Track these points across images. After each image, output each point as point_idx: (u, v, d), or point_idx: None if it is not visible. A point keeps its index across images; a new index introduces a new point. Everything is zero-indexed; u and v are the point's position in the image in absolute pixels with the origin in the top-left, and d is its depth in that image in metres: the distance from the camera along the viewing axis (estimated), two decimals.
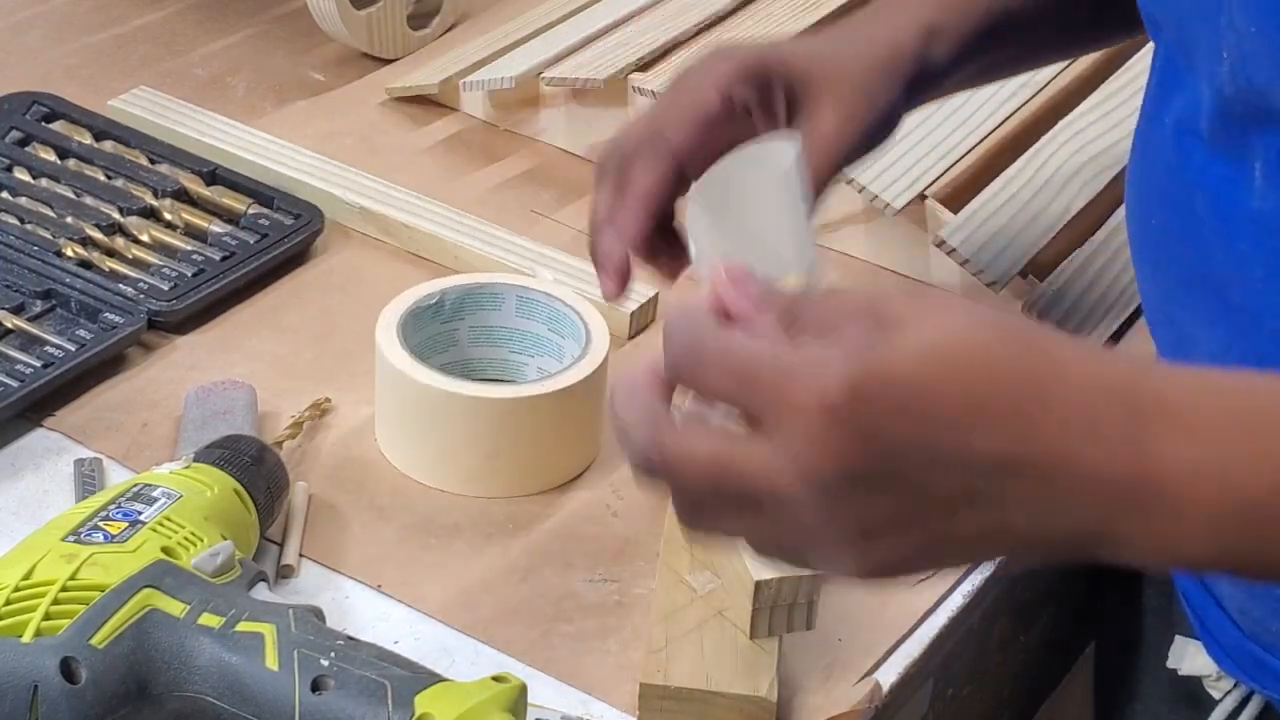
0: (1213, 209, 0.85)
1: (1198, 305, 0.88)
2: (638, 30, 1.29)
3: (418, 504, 0.98)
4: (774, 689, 0.84)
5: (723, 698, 0.84)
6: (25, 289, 1.07)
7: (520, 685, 0.79)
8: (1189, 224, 0.87)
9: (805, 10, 1.32)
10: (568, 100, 1.27)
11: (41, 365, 1.01)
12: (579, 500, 0.99)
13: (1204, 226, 0.86)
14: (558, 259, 1.13)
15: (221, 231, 1.14)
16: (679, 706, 0.84)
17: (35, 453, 0.98)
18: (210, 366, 1.05)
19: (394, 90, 1.31)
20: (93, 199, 1.15)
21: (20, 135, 1.20)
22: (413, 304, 1.01)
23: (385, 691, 0.77)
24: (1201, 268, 0.86)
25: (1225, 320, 0.86)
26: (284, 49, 1.36)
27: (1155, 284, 0.92)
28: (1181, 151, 0.87)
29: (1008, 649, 1.12)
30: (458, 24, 1.40)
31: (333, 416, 1.03)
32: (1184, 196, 0.87)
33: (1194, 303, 0.88)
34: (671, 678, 0.84)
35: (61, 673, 0.75)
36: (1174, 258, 0.89)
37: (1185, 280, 0.88)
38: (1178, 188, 0.88)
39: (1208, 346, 0.88)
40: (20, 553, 0.81)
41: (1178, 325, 0.91)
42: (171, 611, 0.79)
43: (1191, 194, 0.86)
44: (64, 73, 1.31)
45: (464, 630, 0.90)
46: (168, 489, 0.86)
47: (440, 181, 1.23)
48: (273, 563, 0.93)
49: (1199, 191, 0.86)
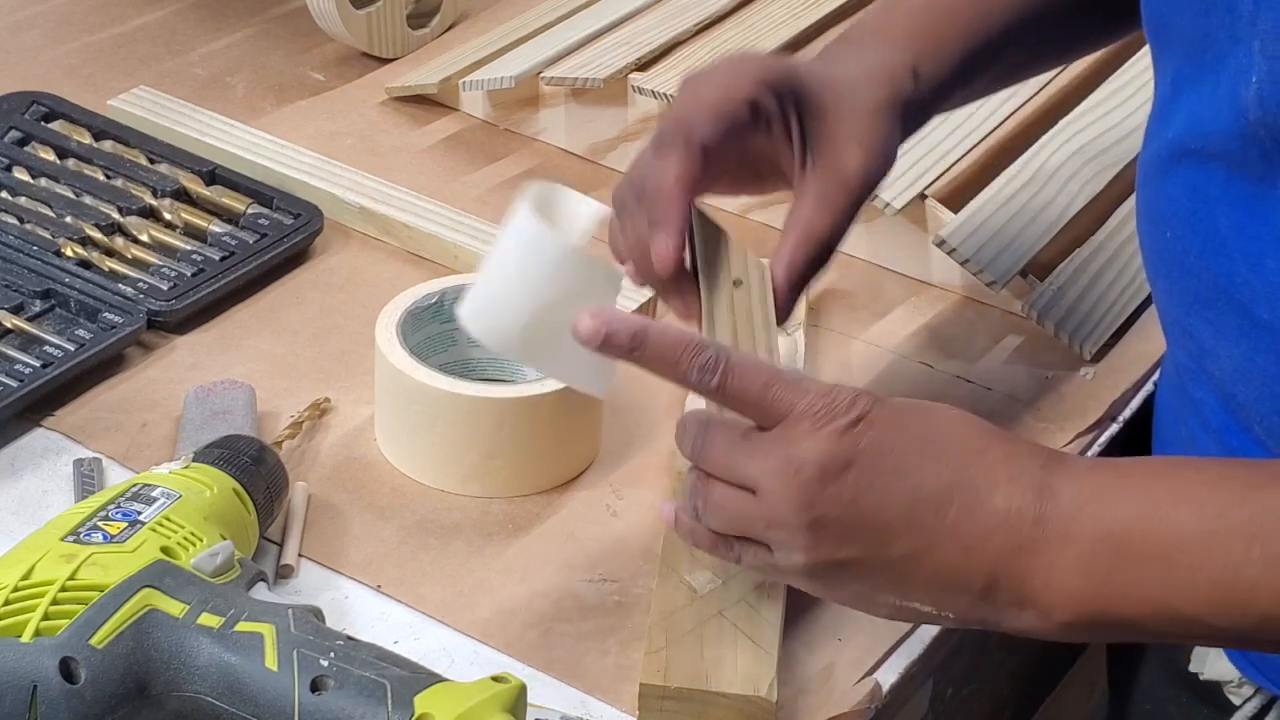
0: (1237, 227, 0.84)
1: (1219, 320, 0.87)
2: (637, 30, 1.29)
3: (418, 504, 0.98)
4: (774, 689, 0.84)
5: (723, 698, 0.84)
6: (25, 289, 1.07)
7: (520, 685, 0.79)
8: (1209, 241, 0.86)
9: (805, 10, 1.32)
10: (567, 100, 1.27)
11: (41, 365, 1.01)
12: (579, 500, 0.99)
13: (1227, 244, 0.85)
14: None
15: (221, 231, 1.14)
16: (679, 706, 0.84)
17: (35, 453, 0.98)
18: (210, 366, 1.05)
19: (394, 90, 1.31)
20: (92, 199, 1.15)
21: (20, 135, 1.20)
22: (412, 304, 1.01)
23: (385, 691, 0.77)
24: (1224, 284, 0.86)
25: (1249, 336, 0.86)
26: (284, 49, 1.36)
27: (1172, 297, 0.92)
28: (1198, 169, 0.87)
29: (1008, 649, 1.12)
30: (457, 24, 1.40)
31: (333, 416, 1.02)
32: (1203, 214, 0.86)
33: (1215, 318, 0.87)
34: (671, 678, 0.84)
35: (61, 673, 0.75)
36: (1192, 272, 0.88)
37: (1205, 296, 0.88)
38: (1195, 204, 0.87)
39: (1229, 362, 0.88)
40: (20, 553, 0.81)
41: (1197, 339, 0.90)
42: (171, 611, 0.79)
43: (1212, 211, 0.86)
44: (64, 72, 1.30)
45: (464, 630, 0.90)
46: (167, 489, 0.86)
47: (440, 181, 1.23)
48: (272, 563, 0.92)
49: (1220, 208, 0.85)
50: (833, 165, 0.90)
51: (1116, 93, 1.25)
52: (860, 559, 0.78)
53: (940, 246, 1.12)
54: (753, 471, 0.79)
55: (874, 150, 0.91)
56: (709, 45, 1.27)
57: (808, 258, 0.89)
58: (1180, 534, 0.76)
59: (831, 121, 0.91)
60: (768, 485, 0.79)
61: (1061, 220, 1.16)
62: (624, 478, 1.00)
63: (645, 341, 0.80)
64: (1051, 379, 1.11)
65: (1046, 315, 1.12)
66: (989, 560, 0.77)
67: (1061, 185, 1.18)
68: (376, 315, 1.01)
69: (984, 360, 1.12)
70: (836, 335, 1.13)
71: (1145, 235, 0.94)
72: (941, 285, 1.17)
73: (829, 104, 0.91)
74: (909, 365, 1.11)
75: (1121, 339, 1.14)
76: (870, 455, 0.78)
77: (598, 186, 1.24)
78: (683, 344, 0.79)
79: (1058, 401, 1.09)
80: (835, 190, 0.89)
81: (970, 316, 1.16)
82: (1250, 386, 0.87)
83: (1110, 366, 1.12)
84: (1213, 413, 0.92)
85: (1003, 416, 1.07)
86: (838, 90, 0.92)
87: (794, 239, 0.89)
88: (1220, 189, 0.85)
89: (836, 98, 0.91)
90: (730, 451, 0.80)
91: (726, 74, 0.90)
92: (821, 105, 0.91)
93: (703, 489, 0.81)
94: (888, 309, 1.15)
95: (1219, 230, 0.86)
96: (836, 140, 0.90)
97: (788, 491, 0.78)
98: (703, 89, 0.89)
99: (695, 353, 0.79)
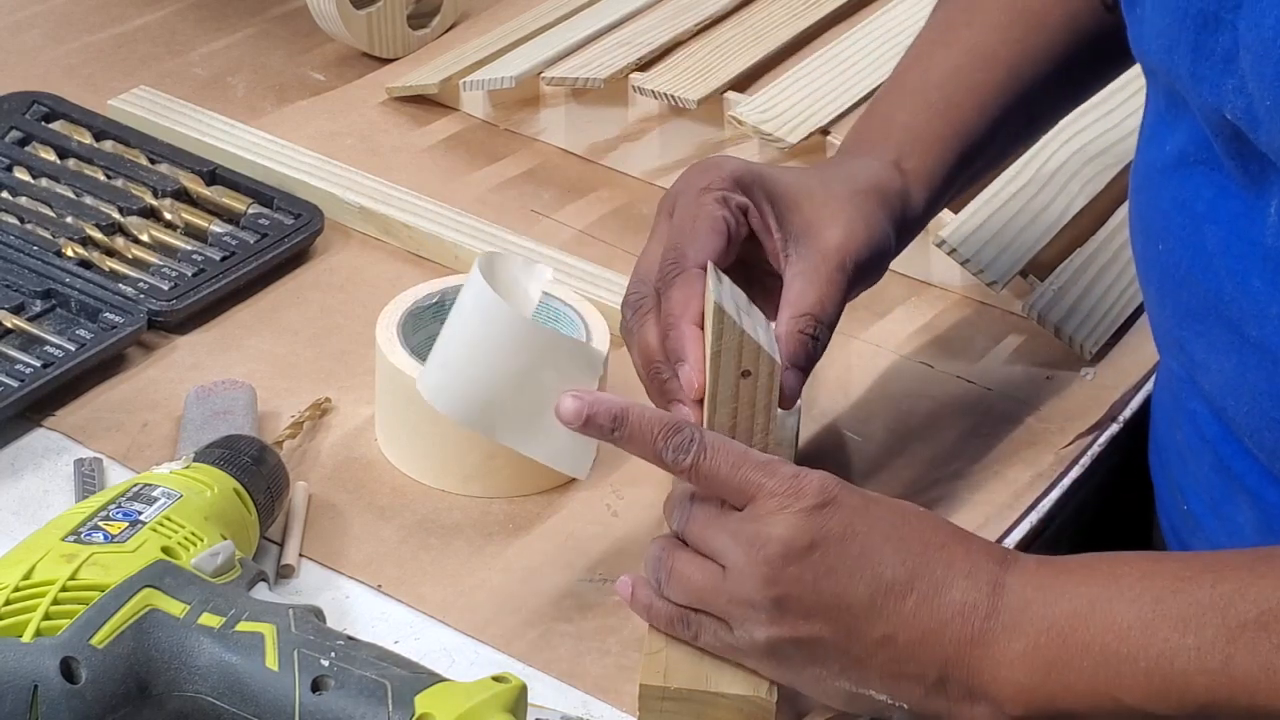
0: (1224, 245, 0.85)
1: (1210, 335, 0.87)
2: (638, 30, 1.29)
3: (418, 504, 0.98)
4: (774, 689, 0.84)
5: (723, 698, 0.84)
6: (25, 289, 1.07)
7: (520, 685, 0.79)
8: (1199, 257, 0.86)
9: (805, 10, 1.32)
10: (568, 100, 1.27)
11: (41, 365, 1.01)
12: (579, 500, 0.99)
13: (1215, 261, 0.85)
14: (558, 259, 1.13)
15: (221, 231, 1.14)
16: (679, 707, 0.84)
17: (35, 453, 0.98)
18: (210, 366, 1.05)
19: (394, 90, 1.31)
20: (93, 199, 1.15)
21: (20, 135, 1.20)
22: (413, 304, 1.01)
23: (385, 691, 0.77)
24: (1214, 301, 0.86)
25: (1239, 352, 0.86)
26: (284, 49, 1.36)
27: (1164, 310, 0.92)
28: (1187, 184, 0.87)
29: None
30: (458, 24, 1.40)
31: (333, 416, 1.03)
32: (1192, 229, 0.87)
33: (1206, 331, 0.88)
34: (671, 678, 0.84)
35: (61, 673, 0.75)
36: (1183, 286, 0.88)
37: (1196, 311, 0.88)
38: (1185, 219, 0.87)
39: (1220, 375, 0.88)
40: (20, 553, 0.81)
41: (1189, 352, 0.90)
42: (171, 611, 0.79)
43: (1200, 227, 0.86)
44: (64, 72, 1.30)
45: (464, 630, 0.90)
46: (168, 489, 0.86)
47: (440, 181, 1.23)
48: (273, 563, 0.92)
49: (1209, 226, 0.86)
50: (811, 245, 0.91)
51: (1116, 93, 1.25)
52: (819, 638, 0.80)
53: (940, 247, 1.12)
54: (720, 545, 0.82)
55: (851, 226, 0.92)
56: (709, 45, 1.27)
57: (799, 334, 0.89)
58: (1118, 623, 0.78)
59: (806, 209, 0.92)
60: (733, 560, 0.81)
61: (1062, 220, 1.16)
62: (624, 478, 1.00)
63: (625, 422, 0.82)
64: (1051, 379, 1.11)
65: (1046, 315, 1.12)
66: (943, 650, 0.79)
67: (1061, 185, 1.18)
68: (377, 315, 1.01)
69: (984, 360, 1.12)
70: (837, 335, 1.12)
71: (1138, 246, 0.94)
72: (941, 285, 1.17)
73: (801, 196, 0.93)
74: (909, 365, 1.11)
75: (1122, 339, 1.14)
76: (834, 539, 0.80)
77: (598, 186, 1.24)
78: (659, 424, 0.82)
79: (1058, 401, 1.09)
80: (815, 266, 0.90)
81: (970, 316, 1.15)
82: (1240, 401, 0.87)
83: (1110, 366, 1.12)
84: (1206, 423, 0.92)
85: (1003, 416, 1.07)
86: (809, 185, 0.94)
87: (784, 318, 0.89)
88: (1207, 206, 0.86)
89: (808, 191, 0.93)
90: (706, 525, 0.83)
91: (696, 191, 0.91)
92: (793, 198, 0.92)
93: (667, 561, 0.84)
94: (888, 309, 1.15)
95: (1206, 247, 0.86)
96: (813, 224, 0.92)
97: (752, 568, 0.80)
98: (679, 216, 0.90)
99: (671, 433, 0.82)
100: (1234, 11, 0.80)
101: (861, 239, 0.92)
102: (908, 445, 1.05)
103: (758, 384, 0.85)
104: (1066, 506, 1.03)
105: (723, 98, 1.21)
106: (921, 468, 1.03)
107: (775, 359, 0.85)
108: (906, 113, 1.00)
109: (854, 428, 1.05)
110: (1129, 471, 1.08)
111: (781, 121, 1.18)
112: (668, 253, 0.89)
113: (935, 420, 1.07)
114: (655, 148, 1.25)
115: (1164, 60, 0.85)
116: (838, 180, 0.95)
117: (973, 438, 1.06)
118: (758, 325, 0.87)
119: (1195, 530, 0.97)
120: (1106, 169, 1.20)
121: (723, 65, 1.24)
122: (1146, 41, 0.87)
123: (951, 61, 1.01)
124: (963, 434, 1.06)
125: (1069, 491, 1.03)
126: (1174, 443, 0.98)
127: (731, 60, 1.25)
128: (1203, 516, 0.96)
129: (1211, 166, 0.85)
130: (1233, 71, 0.80)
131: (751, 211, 0.91)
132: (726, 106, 1.21)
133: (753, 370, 0.85)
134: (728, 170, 0.92)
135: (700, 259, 0.88)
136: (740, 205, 0.91)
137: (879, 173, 0.96)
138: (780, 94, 1.21)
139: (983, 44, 1.01)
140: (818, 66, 1.24)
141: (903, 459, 1.04)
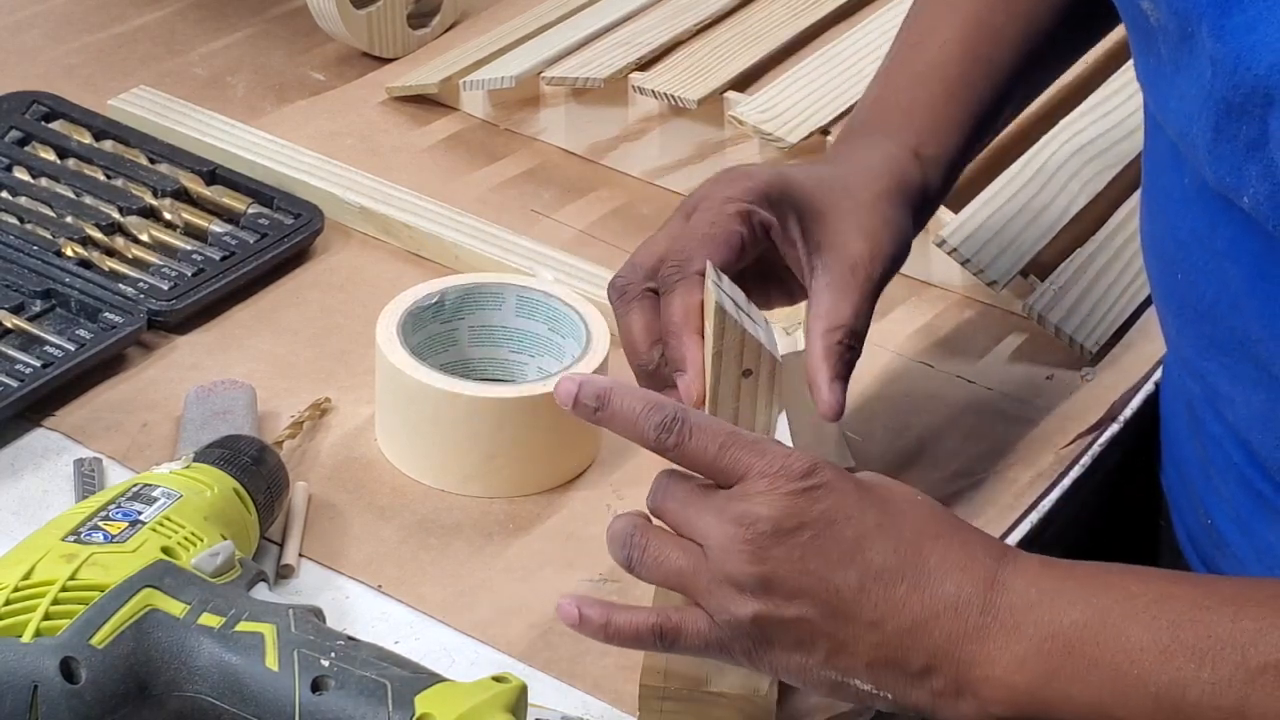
0: (1249, 285, 0.84)
1: (1236, 369, 0.86)
2: (638, 30, 1.29)
3: (418, 504, 0.98)
4: (774, 689, 0.84)
5: (723, 698, 0.84)
6: (25, 289, 1.07)
7: (520, 685, 0.79)
8: (1222, 291, 0.85)
9: (805, 10, 1.32)
10: (568, 100, 1.27)
11: (41, 365, 1.01)
12: (579, 500, 0.99)
13: (1240, 298, 0.84)
14: (558, 259, 1.13)
15: (221, 231, 1.14)
16: (679, 707, 0.84)
17: (35, 453, 0.98)
18: (210, 366, 1.05)
19: (394, 90, 1.31)
20: (92, 198, 1.15)
21: (20, 135, 1.20)
22: (413, 304, 1.01)
23: (385, 691, 0.77)
24: (1241, 339, 0.85)
25: (1266, 388, 0.85)
26: (284, 49, 1.36)
27: (1184, 337, 0.91)
28: (1204, 217, 0.86)
29: None
30: (458, 23, 1.40)
31: (333, 416, 1.03)
32: (1214, 265, 0.86)
33: (1232, 366, 0.87)
34: (671, 679, 0.84)
35: (61, 673, 0.75)
36: (1205, 317, 0.87)
37: (1220, 342, 0.87)
38: (1205, 254, 0.86)
39: (1245, 409, 0.87)
40: (20, 553, 0.81)
41: (1210, 382, 0.89)
42: (171, 611, 0.79)
43: (1222, 265, 0.85)
44: (64, 72, 1.30)
45: (464, 630, 0.90)
46: (168, 489, 0.86)
47: (440, 181, 1.23)
48: (273, 563, 0.92)
49: (1230, 263, 0.84)
50: (838, 257, 0.90)
51: (1116, 93, 1.25)
52: (805, 619, 0.78)
53: (941, 246, 1.12)
54: (703, 525, 0.79)
55: (877, 235, 0.91)
56: (709, 45, 1.27)
57: (837, 345, 0.88)
58: (1131, 643, 0.76)
59: (831, 219, 0.91)
60: (717, 539, 0.78)
61: (1062, 220, 1.16)
62: (624, 478, 1.00)
63: (609, 402, 0.80)
64: (1051, 379, 1.11)
65: (1047, 315, 1.12)
66: (932, 643, 0.78)
67: (1062, 185, 1.18)
68: (377, 315, 1.01)
69: (984, 360, 1.12)
70: None
71: (1154, 269, 0.93)
72: (941, 285, 1.17)
73: (827, 205, 0.92)
74: (909, 365, 1.11)
75: (1122, 339, 1.14)
76: (825, 521, 0.78)
77: (598, 186, 1.24)
78: (643, 403, 0.80)
79: (1058, 401, 1.09)
80: (844, 278, 0.90)
81: (970, 316, 1.15)
82: (1268, 435, 0.86)
83: (1111, 366, 1.12)
84: (1232, 448, 0.91)
85: (1003, 416, 1.07)
86: (834, 190, 0.92)
87: (816, 331, 0.89)
88: (1227, 244, 0.84)
89: (834, 197, 0.92)
90: (686, 504, 0.80)
91: (719, 196, 0.90)
92: (819, 208, 0.91)
93: (639, 539, 0.81)
94: (888, 309, 1.15)
95: (1231, 286, 0.85)
96: (839, 235, 0.91)
97: (738, 545, 0.78)
98: (696, 219, 0.89)
99: (654, 412, 0.80)
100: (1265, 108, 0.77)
101: (887, 250, 0.92)
102: (908, 445, 1.05)
103: (759, 382, 0.85)
104: (1067, 507, 1.03)
105: (723, 97, 1.21)
106: (922, 468, 1.03)
107: (776, 357, 0.85)
108: (926, 91, 0.99)
109: (854, 428, 1.05)
110: (1130, 471, 1.08)
111: (781, 121, 1.18)
112: (673, 253, 0.88)
113: (935, 420, 1.07)
114: (655, 148, 1.25)
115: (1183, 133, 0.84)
116: (860, 182, 0.94)
117: (973, 438, 1.06)
118: (757, 324, 0.87)
119: (1220, 546, 0.96)
120: (1106, 169, 1.20)
121: (723, 65, 1.24)
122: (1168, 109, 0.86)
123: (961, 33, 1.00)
124: (963, 434, 1.06)
125: (1069, 492, 1.03)
126: (1194, 457, 0.97)
127: (731, 60, 1.25)
128: (1229, 533, 0.95)
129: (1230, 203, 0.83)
130: (1257, 159, 0.78)
131: (775, 228, 0.90)
132: (727, 106, 1.21)
133: (754, 369, 0.85)
134: (759, 182, 0.90)
135: (703, 267, 0.87)
136: (764, 222, 0.89)
137: (899, 165, 0.95)
138: (780, 94, 1.21)
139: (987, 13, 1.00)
140: (817, 66, 1.24)
141: (903, 459, 1.04)
